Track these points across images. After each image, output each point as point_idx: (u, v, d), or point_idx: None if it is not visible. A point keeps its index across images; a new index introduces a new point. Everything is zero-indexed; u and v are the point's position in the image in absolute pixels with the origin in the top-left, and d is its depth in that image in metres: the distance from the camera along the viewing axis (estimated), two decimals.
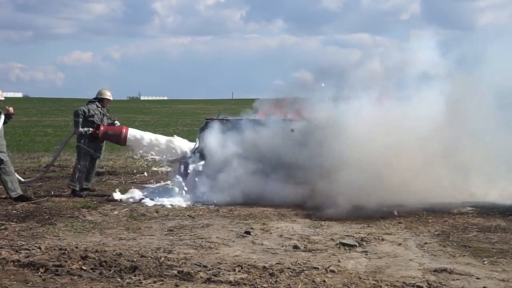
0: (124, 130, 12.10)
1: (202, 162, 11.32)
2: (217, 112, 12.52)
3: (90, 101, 12.10)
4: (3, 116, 11.09)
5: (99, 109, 12.01)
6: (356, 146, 10.39)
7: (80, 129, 11.73)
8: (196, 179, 11.21)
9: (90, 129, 11.77)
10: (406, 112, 10.79)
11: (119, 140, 12.12)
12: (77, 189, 11.74)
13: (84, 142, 11.79)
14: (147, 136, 12.13)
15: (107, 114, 12.20)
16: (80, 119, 11.76)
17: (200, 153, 11.47)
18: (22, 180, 12.13)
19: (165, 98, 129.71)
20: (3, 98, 11.35)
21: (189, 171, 11.35)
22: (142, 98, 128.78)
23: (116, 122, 12.40)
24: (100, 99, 12.10)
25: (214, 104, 73.69)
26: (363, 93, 11.07)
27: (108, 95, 12.16)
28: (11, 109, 11.33)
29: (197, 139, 11.79)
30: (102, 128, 11.89)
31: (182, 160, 11.66)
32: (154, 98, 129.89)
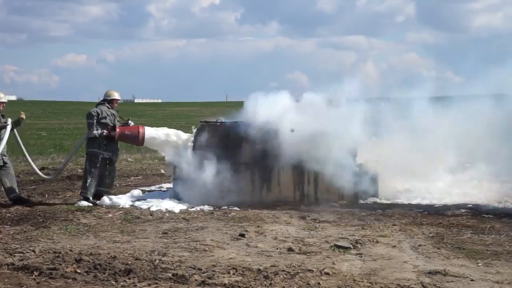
0: (141, 130, 11.66)
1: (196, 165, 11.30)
2: (213, 115, 12.43)
3: (99, 104, 11.70)
4: (10, 123, 11.09)
5: (110, 110, 11.65)
6: None
7: (95, 131, 11.30)
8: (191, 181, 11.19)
9: (105, 131, 11.36)
10: None
11: (137, 140, 11.71)
12: (89, 196, 11.26)
13: (98, 146, 11.35)
14: (164, 133, 11.80)
15: (118, 115, 11.84)
16: (95, 121, 11.33)
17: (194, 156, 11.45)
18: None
19: (159, 100, 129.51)
20: (5, 101, 11.34)
21: (182, 174, 11.32)
22: (136, 101, 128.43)
23: (130, 122, 12.02)
24: (109, 101, 11.70)
25: (208, 106, 73.63)
26: None
27: (116, 95, 11.79)
28: (23, 115, 11.53)
29: (191, 141, 11.74)
30: (118, 129, 11.48)
31: (175, 163, 11.63)
32: (148, 100, 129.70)
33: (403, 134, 11.82)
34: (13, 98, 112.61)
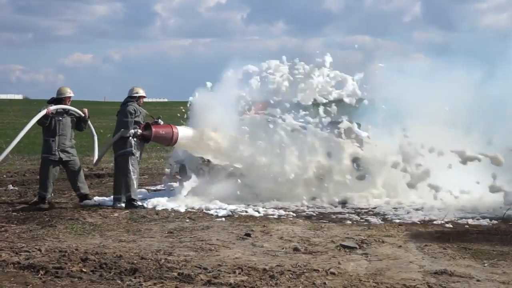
0: (175, 130, 10.82)
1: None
2: None
3: (129, 101, 10.89)
4: (43, 112, 10.76)
5: (141, 108, 10.95)
6: None
7: (132, 130, 10.58)
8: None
9: (139, 130, 10.67)
10: None
11: (170, 141, 10.90)
12: (137, 199, 10.76)
13: (130, 145, 10.65)
14: (194, 133, 11.10)
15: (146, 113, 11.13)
16: (133, 119, 10.64)
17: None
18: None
19: (166, 100, 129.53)
20: (73, 95, 11.06)
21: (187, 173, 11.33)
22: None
23: (160, 121, 11.12)
24: (137, 98, 10.98)
25: None
26: None
27: (142, 92, 11.04)
28: (85, 111, 11.11)
29: None
30: (154, 129, 10.68)
31: (179, 161, 11.63)
32: (154, 100, 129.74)
33: None
34: (19, 97, 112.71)
